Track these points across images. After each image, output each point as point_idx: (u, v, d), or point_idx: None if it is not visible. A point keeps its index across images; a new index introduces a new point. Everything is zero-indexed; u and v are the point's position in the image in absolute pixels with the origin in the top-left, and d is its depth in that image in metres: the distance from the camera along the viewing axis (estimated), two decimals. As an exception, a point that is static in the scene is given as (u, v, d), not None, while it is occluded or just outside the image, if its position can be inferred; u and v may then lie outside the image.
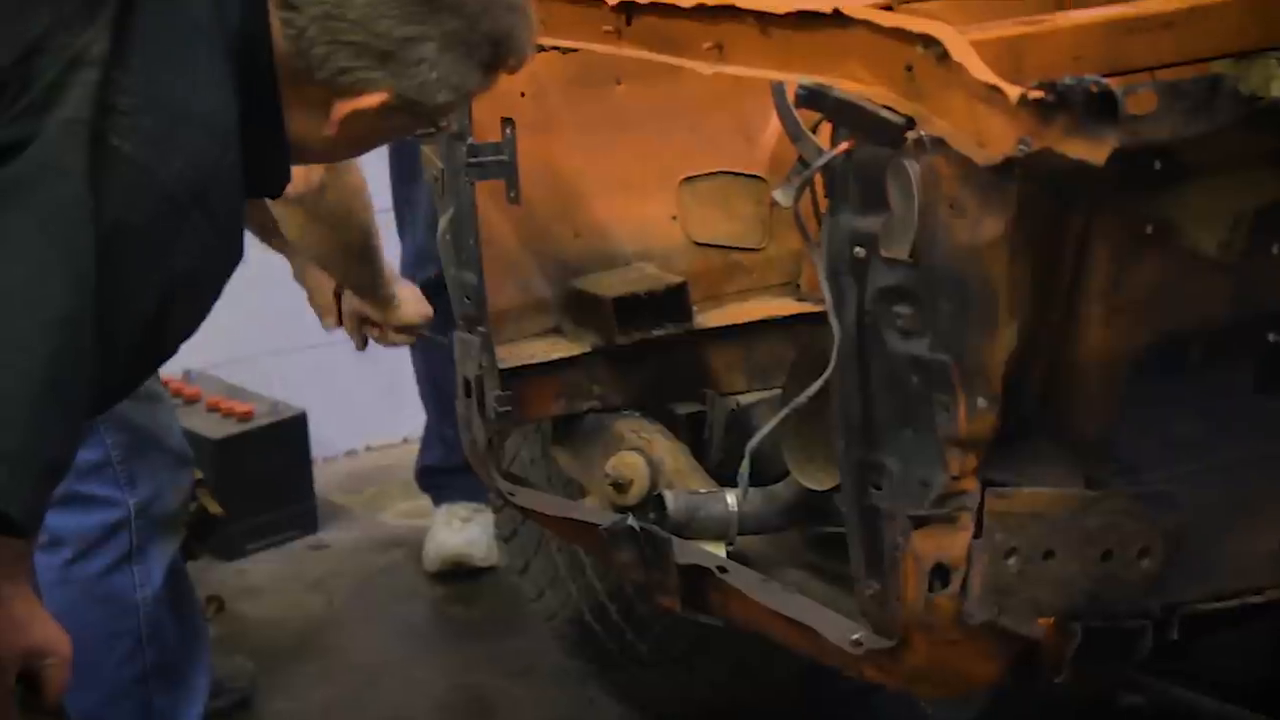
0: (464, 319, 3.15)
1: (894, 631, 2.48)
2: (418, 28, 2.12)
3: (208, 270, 2.11)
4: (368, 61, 2.12)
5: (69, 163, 1.95)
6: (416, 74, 2.14)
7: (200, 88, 2.05)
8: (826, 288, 2.43)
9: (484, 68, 2.18)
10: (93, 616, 3.14)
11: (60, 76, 1.98)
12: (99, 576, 3.14)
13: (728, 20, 2.51)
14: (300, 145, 2.20)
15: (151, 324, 2.05)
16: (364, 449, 5.17)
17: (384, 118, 2.17)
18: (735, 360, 3.34)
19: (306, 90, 2.14)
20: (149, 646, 3.19)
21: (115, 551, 3.14)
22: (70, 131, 1.96)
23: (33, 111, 1.97)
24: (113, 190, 1.97)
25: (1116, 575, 2.40)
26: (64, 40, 1.99)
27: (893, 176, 2.32)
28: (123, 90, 1.99)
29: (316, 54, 2.12)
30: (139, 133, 1.99)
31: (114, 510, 3.14)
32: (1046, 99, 2.13)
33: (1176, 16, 2.43)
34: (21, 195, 1.95)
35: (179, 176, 2.01)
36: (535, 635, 3.92)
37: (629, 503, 3.05)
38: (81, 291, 1.95)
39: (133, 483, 3.14)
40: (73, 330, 1.95)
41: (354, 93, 2.14)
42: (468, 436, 3.22)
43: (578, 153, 3.30)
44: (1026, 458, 2.39)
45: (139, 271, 2.01)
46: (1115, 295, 2.30)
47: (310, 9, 2.11)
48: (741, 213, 3.41)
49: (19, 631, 2.43)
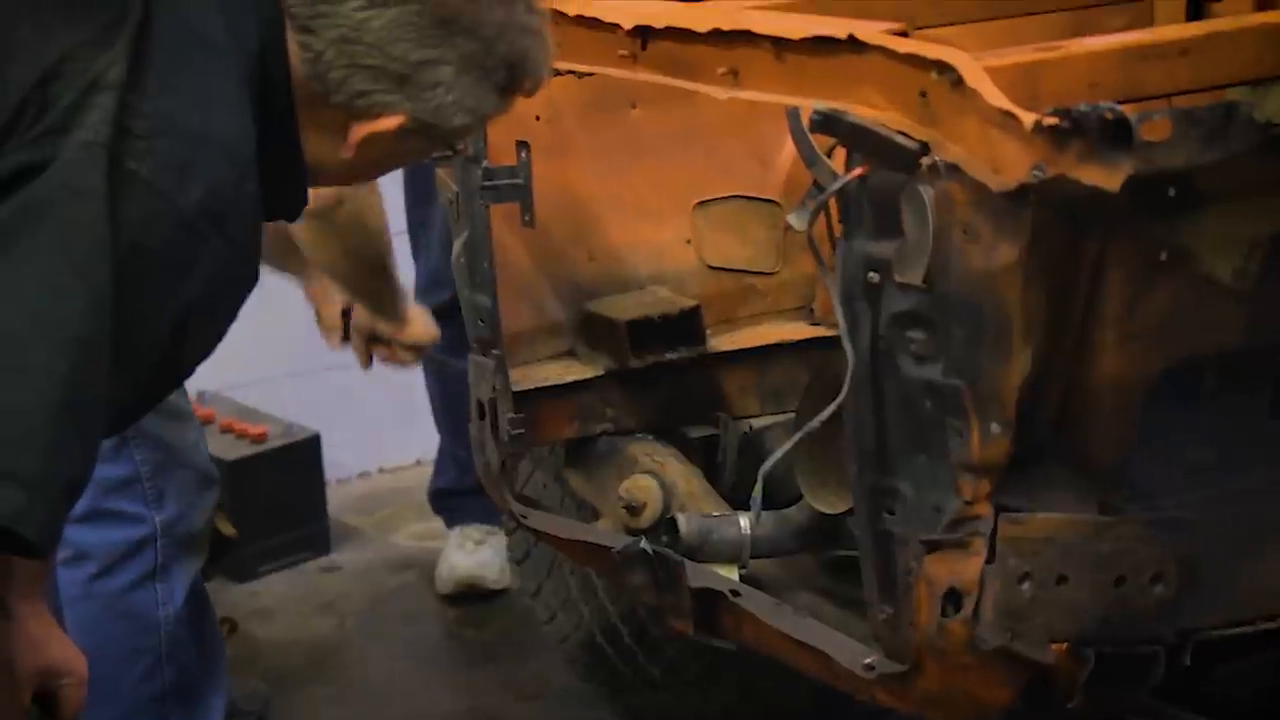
0: (478, 341, 3.16)
1: (907, 656, 2.48)
2: (434, 51, 2.12)
3: (224, 294, 2.11)
4: (384, 85, 2.12)
5: (87, 185, 1.95)
6: (433, 97, 2.13)
7: (218, 112, 2.05)
8: (840, 312, 2.43)
9: (500, 91, 2.18)
10: (114, 632, 3.15)
11: (79, 99, 1.98)
12: (122, 593, 3.15)
13: (743, 45, 2.52)
14: (317, 168, 2.20)
15: (167, 346, 2.05)
16: (377, 471, 5.18)
17: (401, 140, 2.17)
18: (748, 384, 3.35)
19: (323, 113, 2.15)
20: (168, 665, 3.19)
21: (140, 568, 3.14)
22: (88, 154, 1.96)
23: (51, 134, 1.97)
24: (130, 214, 1.97)
25: (1129, 601, 2.40)
26: (83, 64, 1.99)
27: (907, 202, 2.32)
28: (139, 114, 1.99)
29: (333, 77, 2.12)
30: (155, 156, 1.99)
31: (140, 527, 3.14)
32: (1061, 125, 2.13)
33: (1192, 44, 2.43)
34: (40, 217, 1.95)
35: (198, 203, 2.00)
36: (548, 658, 3.92)
37: (642, 526, 3.05)
38: (99, 313, 1.95)
39: (160, 500, 3.14)
40: (90, 351, 1.95)
41: (371, 116, 2.14)
42: (481, 459, 3.23)
43: (592, 176, 3.31)
44: (1040, 483, 2.39)
45: (155, 294, 2.02)
46: (1129, 321, 2.30)
47: (327, 32, 2.11)
48: (755, 237, 3.41)
49: (35, 651, 2.44)
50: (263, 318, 2.77)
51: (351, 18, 2.10)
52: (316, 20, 2.10)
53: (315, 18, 2.10)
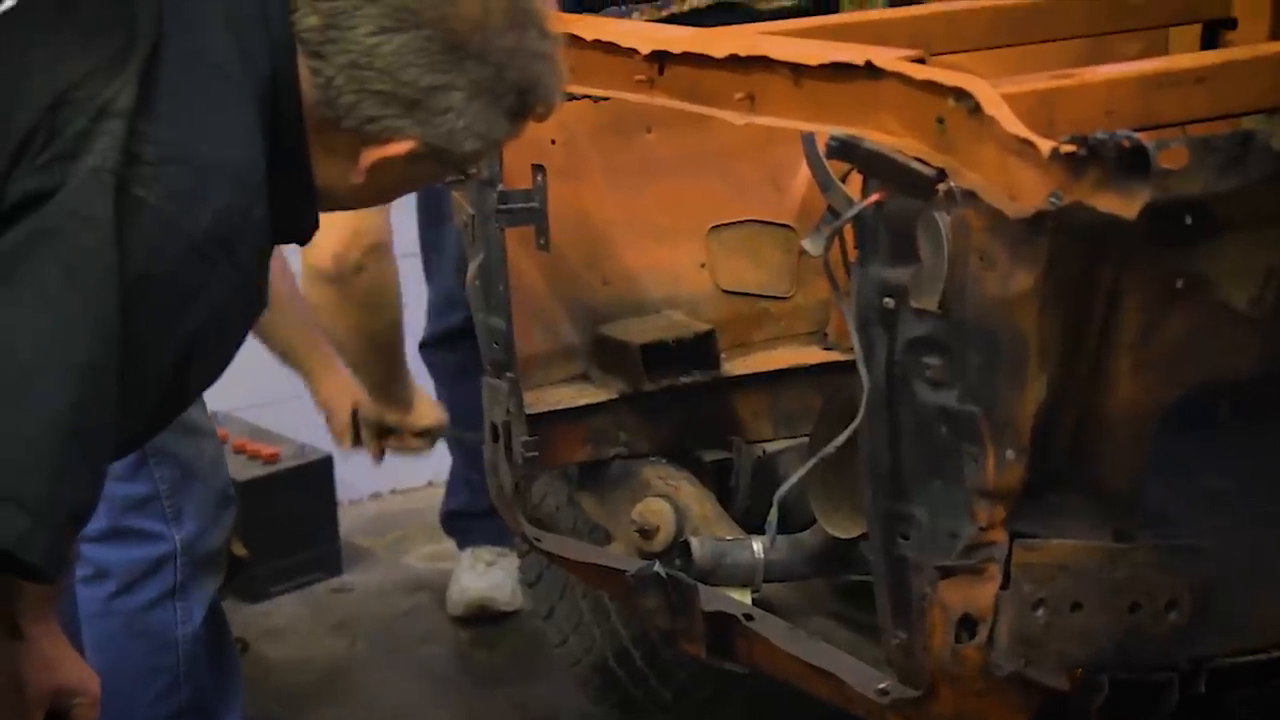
0: (492, 364, 3.16)
1: (920, 681, 2.48)
2: (444, 76, 2.12)
3: (231, 319, 2.11)
4: (395, 110, 2.12)
5: (95, 212, 1.96)
6: (443, 122, 2.13)
7: (227, 138, 2.05)
8: (856, 338, 2.43)
9: (511, 116, 2.18)
10: (132, 651, 3.16)
11: (88, 126, 1.98)
12: (141, 611, 3.15)
13: (760, 71, 2.52)
14: (328, 192, 2.20)
15: (174, 371, 2.06)
16: (389, 492, 5.17)
17: (412, 165, 2.18)
18: (762, 408, 3.35)
19: (334, 138, 2.15)
20: (185, 684, 3.19)
21: (159, 587, 3.15)
22: (97, 181, 1.96)
23: (60, 160, 1.97)
24: (138, 240, 1.97)
25: (1144, 628, 2.40)
26: (92, 90, 2.00)
27: (923, 228, 2.32)
28: (148, 140, 1.99)
29: (344, 102, 2.12)
30: (164, 183, 1.99)
31: (160, 545, 3.14)
32: (1079, 153, 2.14)
33: (1208, 72, 2.44)
34: (48, 243, 1.95)
35: (207, 229, 2.01)
36: (559, 681, 3.92)
37: (655, 549, 3.05)
38: (106, 339, 1.95)
39: (179, 518, 3.14)
40: (96, 377, 1.95)
41: (381, 141, 2.14)
42: (494, 481, 3.23)
43: (607, 200, 3.31)
44: (1054, 510, 2.39)
45: (163, 320, 2.02)
46: (1145, 348, 2.31)
47: (337, 58, 2.11)
48: (770, 261, 3.42)
49: (48, 671, 2.44)
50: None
51: (362, 43, 2.10)
52: (327, 46, 2.11)
53: (326, 43, 2.11)
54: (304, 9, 2.11)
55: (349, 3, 2.10)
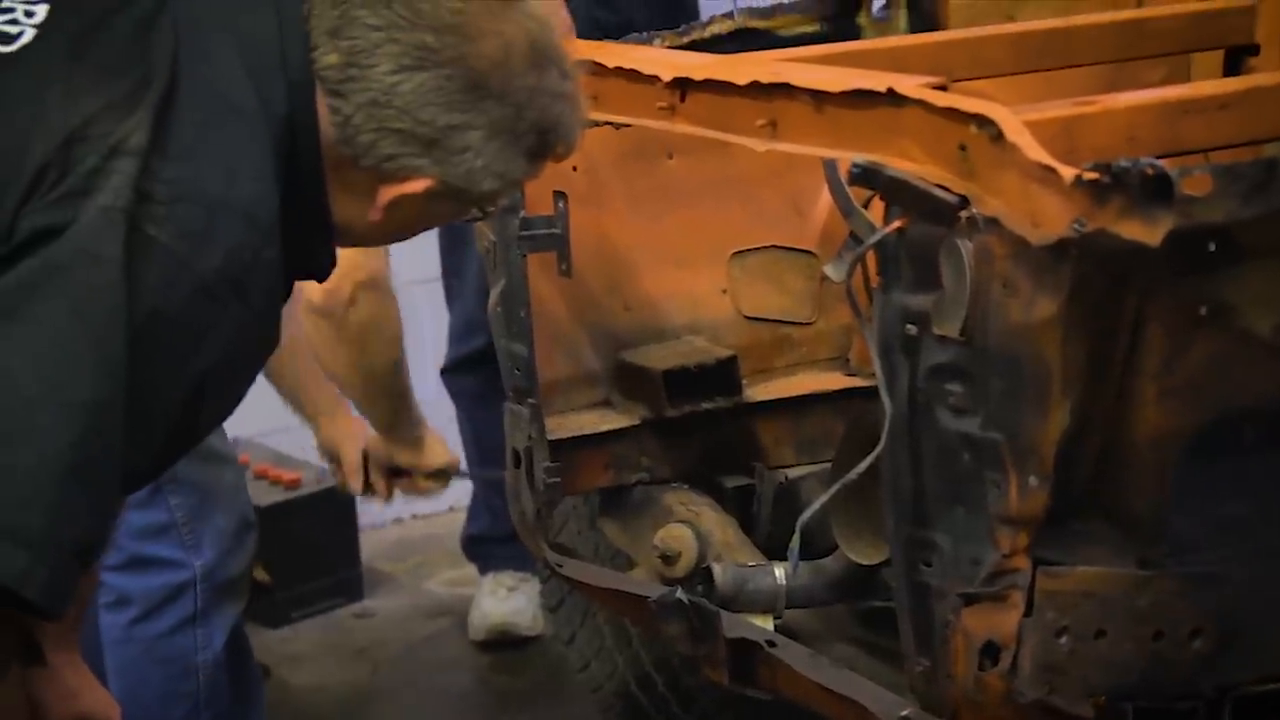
0: (514, 390, 3.16)
1: (943, 708, 2.47)
2: (462, 116, 2.11)
3: (242, 359, 2.11)
4: (413, 149, 2.11)
5: (105, 250, 1.96)
6: (461, 162, 2.13)
7: (241, 177, 2.05)
8: (878, 364, 2.43)
9: (530, 156, 2.17)
10: (153, 676, 3.17)
11: (100, 164, 1.98)
12: (161, 638, 3.16)
13: (782, 98, 2.52)
14: (346, 229, 2.20)
15: (183, 409, 2.05)
16: (410, 517, 5.17)
17: (429, 203, 2.17)
18: (784, 434, 3.35)
19: (351, 175, 2.14)
20: (205, 710, 3.20)
21: (179, 613, 3.16)
22: (108, 219, 1.96)
23: (72, 197, 1.97)
24: (148, 279, 1.97)
25: (1168, 656, 2.40)
26: (106, 128, 1.99)
27: (946, 255, 2.32)
28: (160, 179, 1.99)
29: (362, 140, 2.11)
30: (175, 222, 1.99)
31: (179, 572, 3.15)
32: (1102, 180, 2.13)
33: (1232, 99, 2.43)
34: (57, 280, 1.96)
35: (218, 269, 2.01)
36: (581, 706, 3.91)
37: (677, 575, 3.05)
38: (111, 376, 1.95)
39: (198, 546, 3.15)
40: (101, 415, 1.96)
41: (399, 178, 2.13)
42: (517, 507, 3.23)
43: (629, 226, 3.32)
44: (1078, 537, 2.39)
45: (172, 359, 2.02)
46: (1168, 376, 2.30)
47: (357, 96, 2.11)
48: (792, 287, 3.42)
49: (69, 699, 2.45)
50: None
51: (382, 82, 2.09)
52: (346, 84, 2.10)
53: (345, 81, 2.10)
54: (324, 46, 2.11)
55: (369, 41, 2.10)
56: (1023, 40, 3.11)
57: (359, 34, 2.10)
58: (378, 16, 2.10)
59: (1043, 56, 3.10)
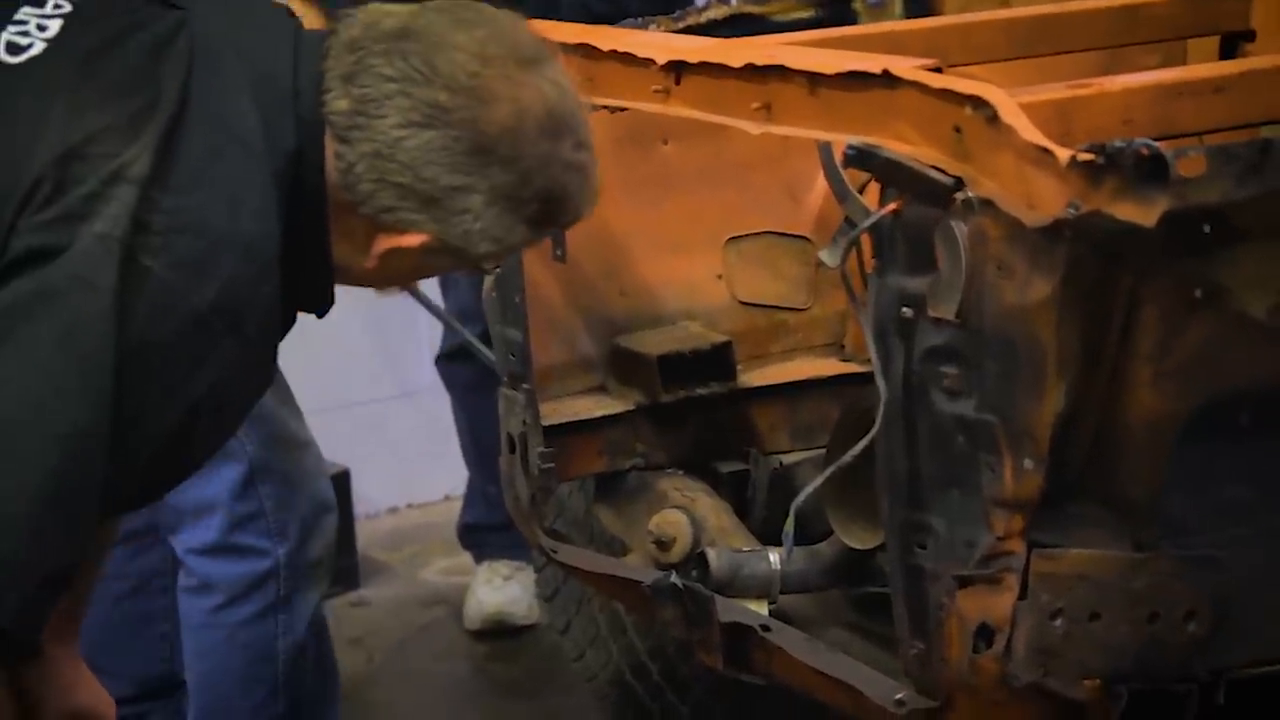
0: (509, 376, 3.16)
1: (938, 692, 2.47)
2: (465, 178, 2.10)
3: (236, 391, 2.11)
4: (411, 204, 2.11)
5: (98, 279, 1.95)
6: (460, 222, 2.12)
7: (242, 212, 2.05)
8: (873, 347, 2.43)
9: (532, 224, 2.16)
10: (234, 662, 3.18)
11: (98, 189, 1.98)
12: (245, 624, 3.17)
13: (776, 80, 2.52)
14: (343, 270, 2.19)
15: (173, 439, 2.05)
16: (406, 506, 5.18)
17: (425, 257, 2.16)
18: (779, 420, 3.34)
19: (350, 221, 2.14)
20: (282, 696, 3.21)
21: (263, 600, 3.16)
22: (104, 247, 1.96)
23: (69, 220, 1.97)
24: (141, 309, 1.97)
25: (1163, 638, 2.39)
26: (106, 150, 1.99)
27: (940, 237, 2.32)
28: (160, 210, 1.99)
29: (362, 189, 2.11)
30: (171, 253, 1.99)
31: (264, 560, 3.15)
32: (1097, 161, 2.13)
33: (1227, 81, 2.43)
34: (47, 305, 1.96)
35: (213, 302, 2.01)
36: (576, 695, 3.91)
37: (672, 561, 3.05)
38: (96, 406, 1.95)
39: (283, 533, 3.15)
40: (81, 444, 1.96)
41: (396, 230, 2.13)
42: (511, 493, 3.23)
43: (624, 211, 3.31)
44: (1073, 519, 2.39)
45: (163, 389, 2.02)
46: (1163, 358, 2.30)
47: (361, 145, 2.10)
48: (787, 273, 3.42)
49: (66, 694, 2.45)
50: (293, 354, 2.77)
51: (387, 135, 2.09)
52: (352, 132, 2.10)
53: (352, 129, 2.10)
54: (337, 90, 2.10)
55: (381, 91, 2.09)
56: (1017, 26, 3.10)
57: (371, 83, 2.09)
58: (393, 68, 2.09)
59: (1038, 42, 3.10)
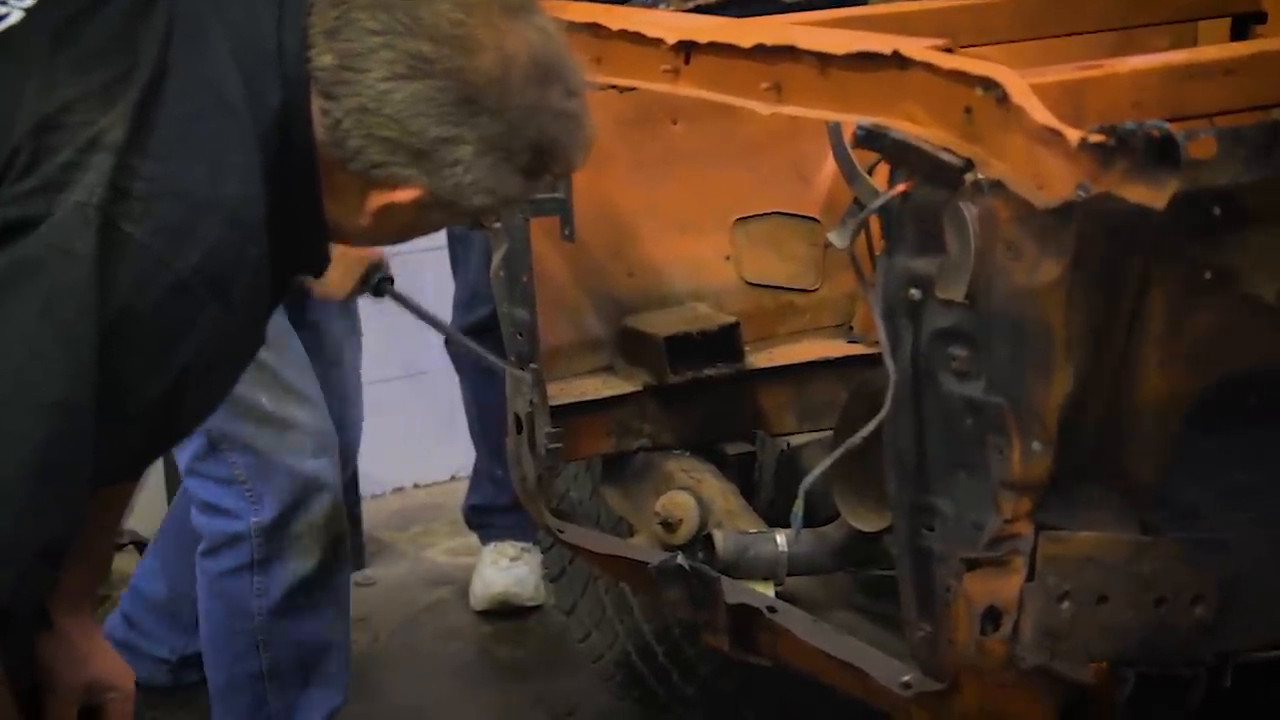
0: (516, 356, 3.16)
1: (944, 674, 2.47)
2: (454, 129, 2.07)
3: (223, 358, 2.09)
4: (401, 158, 2.08)
5: (77, 247, 1.94)
6: (451, 175, 2.08)
7: (225, 176, 2.02)
8: (882, 329, 2.42)
9: (525, 174, 2.12)
10: (215, 610, 3.31)
11: (75, 157, 1.96)
12: (221, 575, 3.28)
13: (786, 60, 2.51)
14: (338, 229, 2.17)
15: (163, 406, 2.04)
16: (412, 486, 5.17)
17: (420, 212, 2.13)
18: (786, 401, 3.34)
19: (341, 178, 2.11)
20: (263, 653, 3.29)
21: (236, 559, 3.25)
22: (81, 215, 1.94)
23: (45, 191, 1.95)
24: (122, 277, 1.95)
25: (1170, 622, 2.39)
26: (82, 119, 1.97)
27: (950, 218, 2.31)
28: (139, 176, 1.97)
29: (351, 145, 2.08)
30: (152, 219, 1.97)
31: (235, 522, 3.23)
32: (1107, 143, 2.13)
33: (1237, 64, 2.42)
34: (27, 277, 1.94)
35: (196, 267, 1.98)
36: (582, 676, 3.91)
37: (678, 542, 3.05)
38: (81, 375, 1.94)
39: (259, 502, 3.22)
40: (70, 415, 1.94)
41: (388, 186, 2.10)
42: (518, 473, 3.23)
43: (632, 191, 3.31)
44: (1081, 502, 2.38)
45: (148, 357, 2.00)
46: (1172, 340, 2.30)
47: (347, 100, 2.07)
48: (795, 253, 3.42)
49: (80, 665, 2.44)
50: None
51: (373, 88, 2.06)
52: (338, 87, 2.07)
53: (337, 84, 2.07)
54: (320, 46, 2.07)
55: (365, 45, 2.06)
56: (1028, 6, 3.10)
57: (355, 37, 2.06)
58: (376, 21, 2.06)
59: (1048, 23, 3.10)
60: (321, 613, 3.33)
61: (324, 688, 3.35)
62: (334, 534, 3.29)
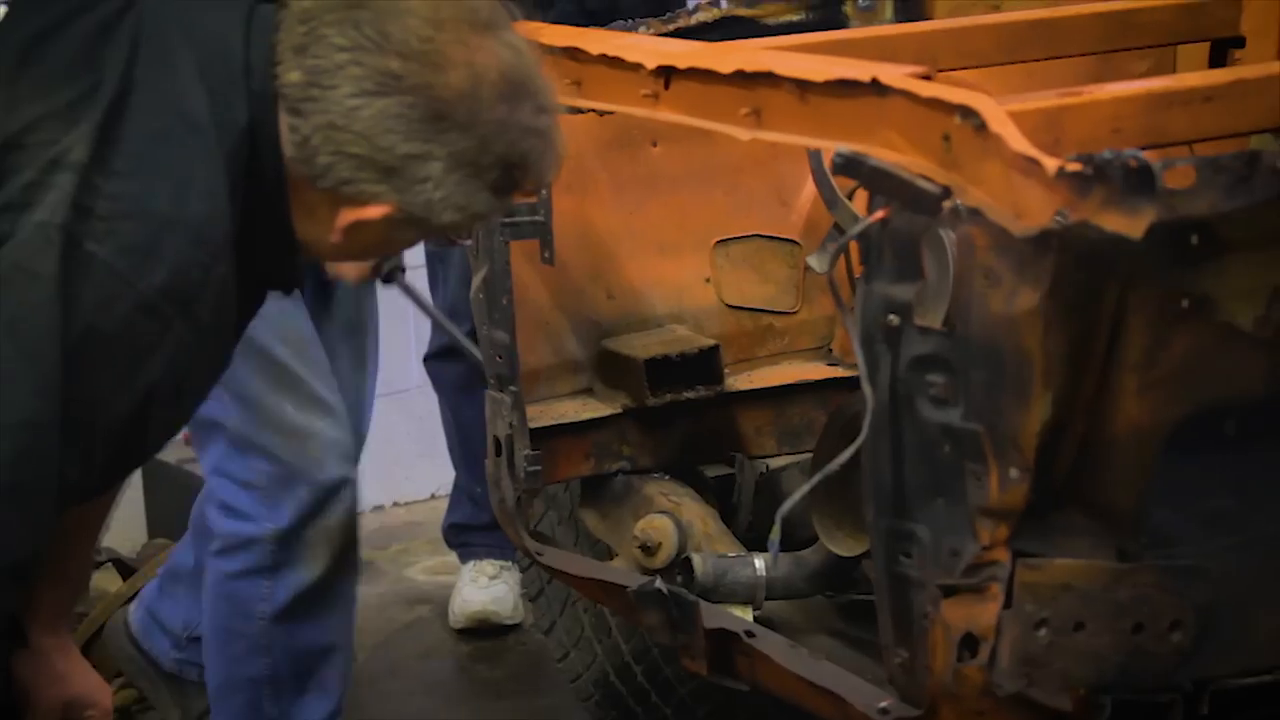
0: (495, 378, 3.16)
1: (922, 700, 2.47)
2: (422, 145, 2.06)
3: (189, 377, 2.08)
4: (369, 175, 2.07)
5: (39, 267, 1.93)
6: (421, 192, 2.08)
7: (190, 194, 2.02)
8: (860, 355, 2.42)
9: (495, 190, 2.12)
10: (219, 609, 3.33)
11: (38, 177, 1.96)
12: (230, 577, 3.29)
13: (766, 86, 2.51)
14: (309, 246, 2.17)
15: (128, 426, 2.04)
16: (391, 505, 5.18)
17: (390, 229, 2.13)
18: (765, 424, 3.35)
19: (310, 195, 2.11)
20: (264, 656, 3.30)
21: (247, 561, 3.26)
22: (44, 235, 1.94)
23: (8, 211, 1.96)
24: (87, 296, 1.95)
25: (1147, 649, 2.39)
26: (44, 138, 1.97)
27: (928, 245, 2.32)
28: (103, 195, 1.97)
29: (320, 162, 2.08)
30: (116, 238, 1.97)
31: (250, 525, 3.24)
32: (1084, 172, 2.13)
33: (1216, 90, 2.43)
34: None
35: (161, 286, 1.98)
36: (560, 695, 3.91)
37: (657, 565, 3.05)
38: (45, 395, 1.94)
39: (277, 509, 3.22)
40: (34, 434, 1.94)
41: (358, 202, 2.09)
42: (497, 495, 3.22)
43: (612, 214, 3.31)
44: (1058, 529, 2.38)
45: (113, 376, 2.00)
46: (1150, 368, 2.30)
47: (314, 117, 2.06)
48: (775, 276, 3.42)
49: (59, 683, 2.44)
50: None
51: (341, 104, 2.06)
52: (306, 104, 2.07)
53: (306, 100, 2.07)
54: (288, 63, 2.07)
55: (333, 61, 2.05)
56: (1008, 31, 3.10)
57: (323, 53, 2.06)
58: (345, 37, 2.06)
59: (1028, 47, 3.10)
60: (325, 621, 3.34)
61: (320, 696, 3.36)
62: (345, 543, 3.30)
